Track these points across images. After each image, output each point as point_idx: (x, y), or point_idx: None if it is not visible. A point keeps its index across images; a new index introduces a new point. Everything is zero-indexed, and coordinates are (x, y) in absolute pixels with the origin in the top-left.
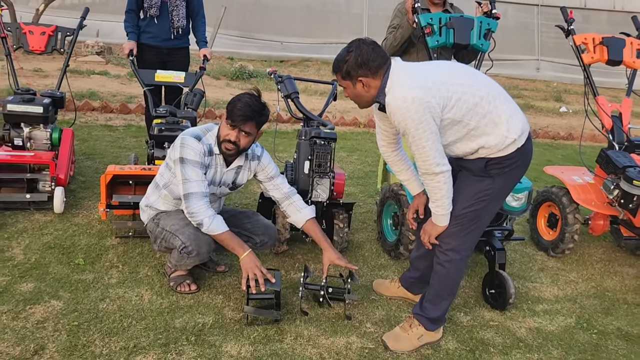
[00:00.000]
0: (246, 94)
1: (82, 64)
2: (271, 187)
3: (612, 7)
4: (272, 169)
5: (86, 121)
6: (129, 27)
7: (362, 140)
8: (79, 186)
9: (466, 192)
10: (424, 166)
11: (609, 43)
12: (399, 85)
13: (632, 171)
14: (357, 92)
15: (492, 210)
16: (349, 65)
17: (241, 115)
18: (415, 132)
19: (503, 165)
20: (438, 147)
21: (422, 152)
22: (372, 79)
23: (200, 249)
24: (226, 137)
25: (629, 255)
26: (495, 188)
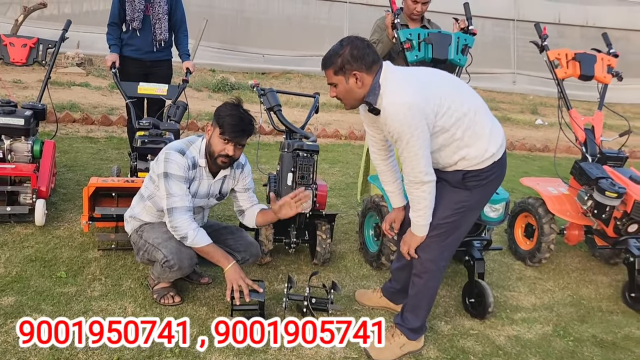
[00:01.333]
0: (230, 106)
1: (62, 75)
2: (243, 198)
3: (585, 23)
4: (250, 181)
5: (67, 133)
6: (111, 39)
7: (343, 152)
8: (60, 198)
9: (444, 204)
10: (412, 174)
11: (581, 59)
12: (396, 90)
13: (604, 182)
14: (349, 88)
15: (469, 222)
16: (343, 58)
17: (237, 132)
18: (410, 138)
19: (480, 178)
20: (428, 155)
21: (414, 159)
22: (366, 74)
23: (182, 263)
24: (222, 152)
25: (603, 264)
26: (473, 200)
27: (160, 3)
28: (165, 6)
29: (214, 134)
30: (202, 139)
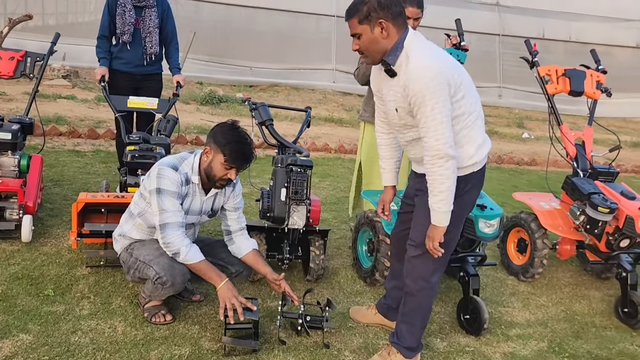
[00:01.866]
0: (230, 130)
1: (48, 87)
2: (232, 217)
3: (568, 38)
4: (240, 200)
5: (53, 146)
6: (100, 52)
7: (333, 166)
8: (47, 214)
9: (428, 220)
10: (435, 146)
11: (571, 75)
12: (424, 54)
13: (596, 198)
14: (373, 38)
15: (454, 236)
16: (370, 6)
17: (241, 160)
18: (435, 104)
19: (459, 187)
20: (451, 127)
21: (438, 127)
22: (392, 25)
23: (174, 280)
24: (225, 176)
25: (595, 279)
26: (454, 214)
27: (151, 16)
28: (156, 20)
29: (215, 160)
30: (194, 155)
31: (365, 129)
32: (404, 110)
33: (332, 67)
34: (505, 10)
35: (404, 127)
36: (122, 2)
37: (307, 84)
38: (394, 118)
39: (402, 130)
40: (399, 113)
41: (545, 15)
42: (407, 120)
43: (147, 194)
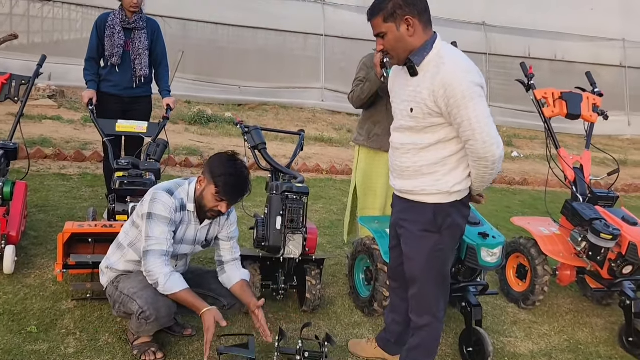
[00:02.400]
0: (227, 161)
1: (32, 108)
2: (226, 247)
3: (554, 57)
4: (235, 229)
5: (38, 170)
6: (88, 75)
7: (325, 188)
8: (30, 242)
9: (420, 254)
10: (483, 149)
11: (567, 98)
12: (459, 57)
13: (598, 224)
14: (399, 36)
15: (449, 264)
16: (395, 2)
17: (236, 194)
18: (477, 105)
19: (447, 214)
20: (495, 127)
21: (484, 130)
22: (419, 22)
23: (159, 313)
24: (216, 207)
25: (596, 305)
26: (445, 243)
27: (141, 38)
28: (145, 41)
29: (207, 190)
30: (189, 182)
31: (360, 153)
32: (422, 112)
33: (320, 86)
34: (492, 30)
35: (409, 130)
36: (111, 24)
37: (296, 102)
38: (403, 119)
39: (405, 132)
40: (414, 113)
41: (530, 35)
42: (421, 122)
43: (140, 220)
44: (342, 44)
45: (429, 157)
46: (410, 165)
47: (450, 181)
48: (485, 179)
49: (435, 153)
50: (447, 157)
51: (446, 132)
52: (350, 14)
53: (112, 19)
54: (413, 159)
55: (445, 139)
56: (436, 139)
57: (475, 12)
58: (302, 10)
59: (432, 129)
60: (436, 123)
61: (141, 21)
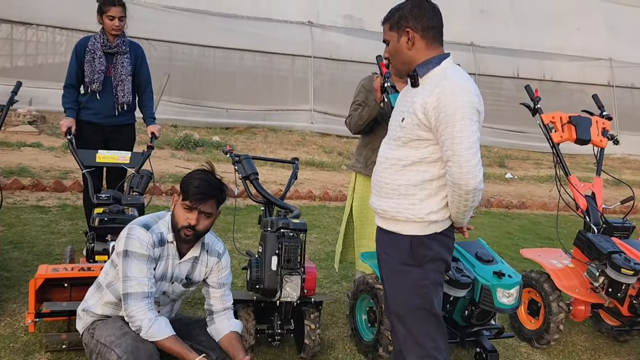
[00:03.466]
0: (199, 171)
1: (12, 134)
2: (216, 295)
3: (542, 77)
4: (227, 275)
5: (14, 202)
6: (67, 102)
7: (319, 215)
8: (2, 284)
9: (401, 291)
10: (458, 175)
11: (576, 122)
12: (462, 76)
13: (618, 258)
14: (398, 47)
15: (439, 297)
16: (402, 12)
17: (200, 194)
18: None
19: (427, 247)
20: (479, 155)
21: (463, 154)
22: (420, 37)
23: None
24: (185, 221)
25: (612, 342)
26: (429, 278)
27: (124, 63)
28: (128, 67)
29: (177, 204)
30: (171, 211)
31: (357, 181)
32: (413, 121)
33: (309, 108)
34: (480, 50)
35: (395, 142)
36: (91, 48)
37: (285, 125)
38: (393, 130)
39: (391, 145)
40: (404, 123)
41: (518, 55)
42: (408, 133)
43: (117, 258)
44: (330, 66)
45: (409, 177)
46: (390, 182)
47: (425, 208)
48: (460, 210)
49: (416, 174)
50: (427, 180)
51: (430, 150)
52: (338, 35)
53: (93, 43)
54: (393, 176)
55: (429, 160)
56: (419, 157)
57: (463, 33)
58: (290, 31)
59: (417, 144)
60: (422, 137)
61: (124, 45)
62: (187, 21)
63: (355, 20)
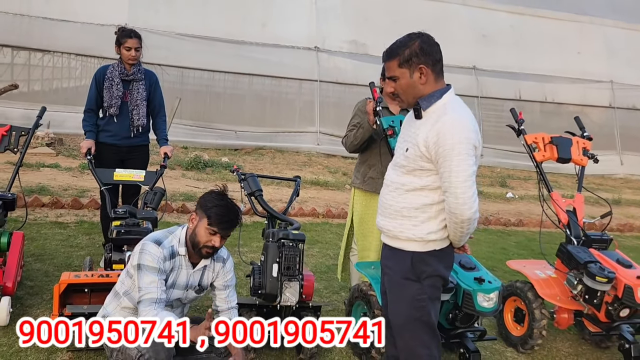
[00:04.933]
0: (217, 195)
1: (31, 156)
2: (221, 296)
3: (544, 99)
4: (231, 277)
5: (35, 218)
6: (87, 126)
7: (321, 232)
8: (26, 292)
9: (401, 303)
10: (454, 205)
11: (557, 142)
12: (462, 111)
13: (593, 267)
14: (411, 83)
15: (434, 311)
16: (412, 50)
17: (227, 223)
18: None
19: (427, 264)
20: (474, 188)
21: (459, 186)
22: (432, 72)
23: (158, 356)
24: (209, 243)
25: (595, 348)
26: (427, 293)
27: (139, 89)
28: (143, 92)
29: (200, 224)
30: (182, 228)
31: (355, 196)
32: (416, 153)
33: (315, 130)
34: (482, 74)
35: (401, 169)
36: (109, 76)
37: (292, 146)
38: (398, 158)
39: (397, 171)
40: (408, 153)
41: (519, 78)
42: (411, 163)
43: (132, 270)
44: (336, 89)
45: (411, 201)
46: (393, 204)
47: (425, 229)
48: (456, 235)
49: (418, 198)
50: (427, 204)
51: (432, 179)
52: (344, 60)
53: (111, 71)
54: (397, 199)
55: (430, 187)
56: (421, 185)
57: (465, 56)
58: (297, 56)
59: (420, 173)
60: (425, 167)
61: (139, 73)
62: (198, 47)
63: (360, 46)
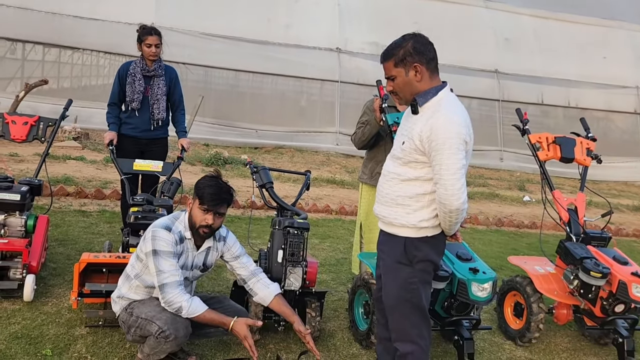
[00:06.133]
0: (209, 178)
1: (58, 149)
2: (238, 266)
3: (567, 104)
4: (237, 249)
5: (60, 206)
6: (110, 118)
7: (334, 227)
8: (49, 273)
9: (393, 285)
10: (444, 197)
11: (561, 142)
12: (455, 108)
13: (588, 262)
14: (407, 81)
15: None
16: (406, 50)
17: (215, 200)
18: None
19: (418, 249)
20: (464, 180)
21: (448, 179)
22: (426, 69)
23: (178, 333)
24: (203, 222)
25: (593, 344)
26: (418, 277)
27: (160, 84)
28: (163, 87)
29: (194, 206)
30: (185, 213)
31: (363, 190)
32: (411, 146)
33: (335, 130)
34: (504, 77)
35: (397, 160)
36: (132, 72)
37: (311, 146)
38: (396, 150)
39: (395, 162)
40: (404, 146)
41: (542, 82)
42: (407, 155)
43: (144, 256)
44: (357, 90)
45: (406, 190)
46: (390, 192)
47: (418, 216)
48: (446, 223)
49: (412, 188)
50: (420, 194)
51: (425, 171)
52: (365, 61)
53: (134, 67)
54: (393, 188)
55: (423, 178)
56: (416, 175)
57: (488, 59)
58: (319, 57)
59: (414, 165)
60: (419, 160)
61: (160, 69)
62: (222, 47)
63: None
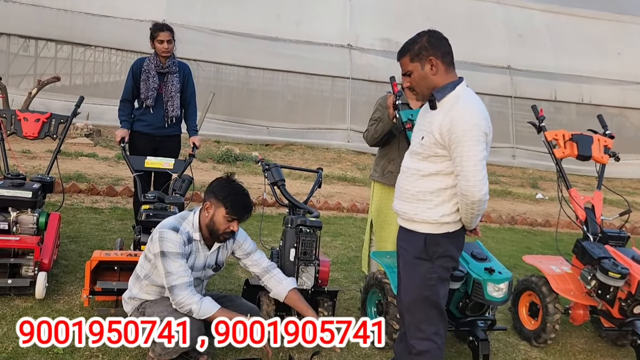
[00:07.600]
0: (227, 184)
1: (70, 145)
2: (250, 263)
3: (581, 100)
4: (248, 245)
5: (72, 203)
6: (122, 115)
7: (345, 225)
8: (61, 270)
9: (412, 281)
10: (465, 188)
11: (578, 140)
12: (473, 101)
13: (606, 262)
14: (424, 75)
15: (444, 291)
16: (421, 45)
17: (243, 211)
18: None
19: (439, 245)
20: (485, 171)
21: (470, 170)
22: (441, 63)
23: (190, 334)
24: (228, 229)
25: (610, 345)
26: (436, 273)
27: (173, 82)
28: (177, 84)
29: (217, 213)
30: (193, 212)
31: (375, 189)
32: (431, 140)
33: (346, 127)
34: (517, 74)
35: (417, 155)
36: (146, 69)
37: (322, 143)
38: (414, 146)
39: (413, 157)
40: (424, 141)
41: (555, 78)
42: (426, 150)
43: (152, 256)
44: (368, 87)
45: (426, 185)
46: (410, 188)
47: (439, 212)
48: (467, 216)
49: (433, 183)
50: (442, 189)
51: (445, 165)
52: (376, 57)
53: (148, 64)
54: (413, 184)
55: (444, 172)
56: (436, 170)
57: (500, 55)
58: (330, 54)
59: (434, 159)
60: (439, 154)
61: (174, 66)
62: (234, 44)
63: (393, 44)
